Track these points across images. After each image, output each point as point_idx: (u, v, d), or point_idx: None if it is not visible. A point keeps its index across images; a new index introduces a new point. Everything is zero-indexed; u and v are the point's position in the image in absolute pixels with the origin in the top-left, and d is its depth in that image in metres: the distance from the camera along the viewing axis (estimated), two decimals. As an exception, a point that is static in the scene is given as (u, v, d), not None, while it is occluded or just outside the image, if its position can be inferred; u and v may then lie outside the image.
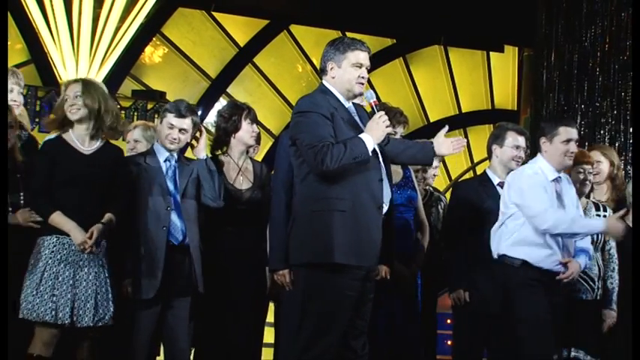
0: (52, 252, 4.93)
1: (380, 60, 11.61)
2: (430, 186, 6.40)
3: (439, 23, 11.29)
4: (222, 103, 10.74)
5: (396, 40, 11.83)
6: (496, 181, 5.79)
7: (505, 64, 12.37)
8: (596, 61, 9.63)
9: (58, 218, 4.93)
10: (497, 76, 12.42)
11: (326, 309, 4.51)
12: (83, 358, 5.04)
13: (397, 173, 5.69)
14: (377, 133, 4.58)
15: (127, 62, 10.19)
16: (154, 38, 10.69)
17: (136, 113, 9.86)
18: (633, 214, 5.86)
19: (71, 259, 4.94)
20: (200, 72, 11.02)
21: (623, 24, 9.58)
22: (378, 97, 5.40)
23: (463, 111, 12.28)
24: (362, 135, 4.56)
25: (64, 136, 5.10)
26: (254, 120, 5.65)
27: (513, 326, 5.23)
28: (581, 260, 5.32)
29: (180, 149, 5.49)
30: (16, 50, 9.77)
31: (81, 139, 5.10)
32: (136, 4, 9.88)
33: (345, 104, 4.75)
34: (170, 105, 5.49)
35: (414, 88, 12.18)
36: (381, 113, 4.64)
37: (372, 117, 4.69)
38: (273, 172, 5.44)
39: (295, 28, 11.43)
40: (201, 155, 5.43)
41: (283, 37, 11.43)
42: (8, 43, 6.69)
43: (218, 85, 11.10)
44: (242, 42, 11.23)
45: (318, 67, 4.90)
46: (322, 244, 4.50)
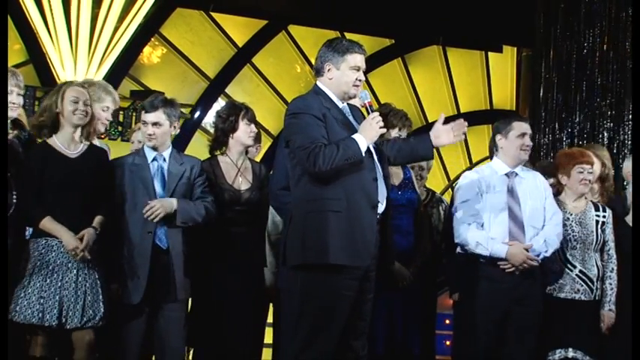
0: (41, 254, 4.95)
1: (378, 60, 11.62)
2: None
3: (437, 24, 11.29)
4: (220, 103, 10.73)
5: (395, 40, 11.83)
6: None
7: (503, 65, 12.37)
8: (594, 61, 9.64)
9: (49, 224, 4.94)
10: (495, 76, 12.42)
11: (323, 309, 4.52)
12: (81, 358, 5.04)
13: (397, 175, 5.71)
14: (370, 133, 4.58)
15: (126, 62, 10.18)
16: (153, 38, 10.68)
17: (134, 114, 9.85)
18: (633, 214, 5.87)
19: (59, 262, 4.95)
20: (199, 72, 11.01)
21: (621, 24, 9.58)
22: (376, 99, 5.40)
23: (462, 111, 12.27)
24: (355, 135, 4.57)
25: (48, 141, 5.10)
26: (252, 120, 5.64)
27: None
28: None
29: (176, 147, 5.49)
30: (15, 51, 9.76)
31: (66, 144, 5.10)
32: (135, 5, 9.88)
33: (338, 104, 4.76)
34: (143, 103, 5.50)
35: (412, 88, 12.17)
36: (374, 114, 4.64)
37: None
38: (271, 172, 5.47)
39: (294, 29, 11.42)
40: None
41: (282, 37, 11.42)
42: (7, 44, 6.69)
43: (217, 85, 11.09)
44: (240, 42, 11.22)
45: (315, 67, 4.88)
46: (317, 245, 4.51)
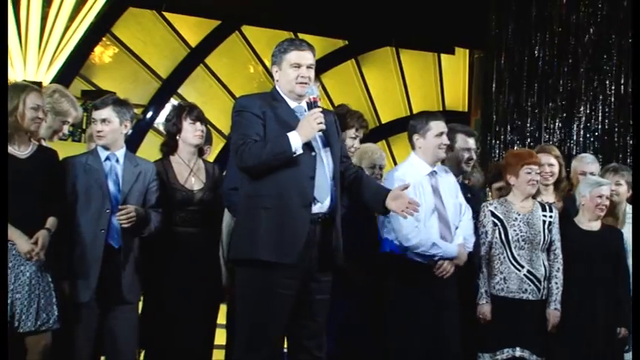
0: None
1: (332, 61, 11.64)
2: None
3: (391, 25, 11.33)
4: (173, 103, 10.66)
5: (348, 41, 11.85)
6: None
7: (456, 66, 12.45)
8: (545, 63, 9.75)
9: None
10: (447, 77, 12.49)
11: (257, 307, 4.54)
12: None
13: None
14: (305, 130, 4.57)
15: (77, 62, 10.07)
16: (104, 38, 10.58)
17: (85, 114, 9.74)
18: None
19: (11, 265, 4.88)
20: (151, 72, 10.94)
21: (571, 27, 9.70)
22: (330, 99, 5.39)
23: (414, 112, 12.30)
24: (290, 132, 4.56)
25: None
26: (198, 118, 5.61)
27: None
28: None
29: (128, 147, 5.46)
30: (-38, 49, 9.61)
31: (17, 145, 5.03)
32: (86, 4, 9.78)
33: (290, 104, 4.75)
34: (94, 102, 5.49)
35: (365, 89, 12.20)
36: (314, 110, 4.61)
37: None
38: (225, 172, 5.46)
39: (247, 29, 11.39)
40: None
41: (235, 37, 11.39)
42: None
43: (169, 85, 11.02)
44: (193, 42, 11.17)
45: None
46: (248, 241, 4.56)
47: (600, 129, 9.58)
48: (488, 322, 5.75)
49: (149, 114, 10.83)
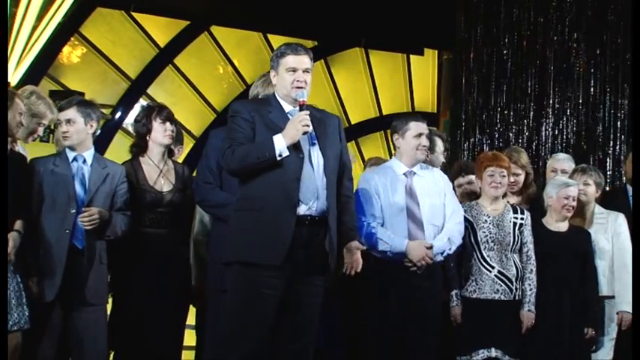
0: None
1: (301, 62, 11.61)
2: None
3: (360, 26, 11.33)
4: (142, 104, 10.61)
5: (317, 42, 11.84)
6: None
7: (425, 67, 12.47)
8: (514, 64, 9.80)
9: None
10: (417, 78, 12.51)
11: (242, 307, 4.55)
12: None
13: None
14: (290, 132, 4.58)
15: (45, 62, 9.99)
16: (72, 38, 10.50)
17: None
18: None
19: None
20: (119, 73, 10.87)
21: (539, 29, 9.77)
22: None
23: (384, 113, 12.35)
24: (275, 136, 4.58)
25: None
26: (167, 119, 5.60)
27: None
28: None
29: (97, 148, 5.44)
30: None
31: None
32: (54, 4, 9.69)
33: (285, 108, 4.77)
34: (60, 103, 5.45)
35: (335, 90, 12.20)
36: (301, 114, 4.63)
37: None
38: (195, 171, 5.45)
39: (216, 30, 11.35)
40: None
41: (204, 38, 11.34)
42: None
43: (138, 85, 10.96)
44: (162, 43, 11.11)
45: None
46: (235, 242, 4.61)
47: (569, 130, 9.65)
48: (459, 324, 5.78)
49: (118, 114, 10.77)
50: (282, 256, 4.55)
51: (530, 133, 9.74)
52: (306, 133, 4.61)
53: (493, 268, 5.80)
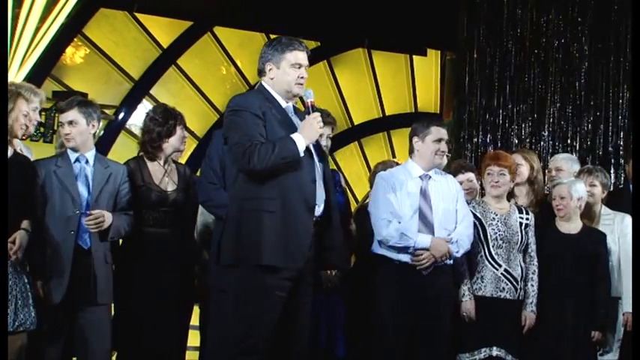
0: None
1: (304, 62, 11.62)
2: None
3: (363, 27, 11.34)
4: (145, 104, 10.63)
5: (321, 43, 11.86)
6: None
7: (428, 68, 12.49)
8: (516, 65, 9.80)
9: None
10: (419, 79, 12.53)
11: (256, 310, 4.49)
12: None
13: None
14: (309, 133, 4.56)
15: (48, 63, 10.00)
16: (76, 39, 10.52)
17: (57, 115, 9.69)
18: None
19: None
20: (122, 73, 10.89)
21: (543, 28, 9.76)
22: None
23: (387, 114, 12.37)
24: (293, 135, 4.53)
25: None
26: (185, 126, 5.67)
27: None
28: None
29: (100, 148, 5.44)
30: None
31: None
32: (57, 4, 9.69)
33: (282, 104, 4.72)
34: (60, 105, 5.45)
35: (338, 90, 12.22)
36: (316, 114, 4.62)
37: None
38: (199, 171, 5.45)
39: (219, 30, 11.37)
40: None
41: (207, 38, 11.36)
42: None
43: (141, 86, 10.98)
44: (165, 43, 11.13)
45: (258, 68, 4.83)
46: (251, 245, 4.48)
47: (571, 130, 9.65)
48: (473, 319, 5.75)
49: (121, 115, 10.78)
50: (304, 259, 4.55)
51: (533, 134, 9.73)
52: (321, 135, 4.61)
53: (500, 266, 5.79)
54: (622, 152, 9.36)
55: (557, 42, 9.73)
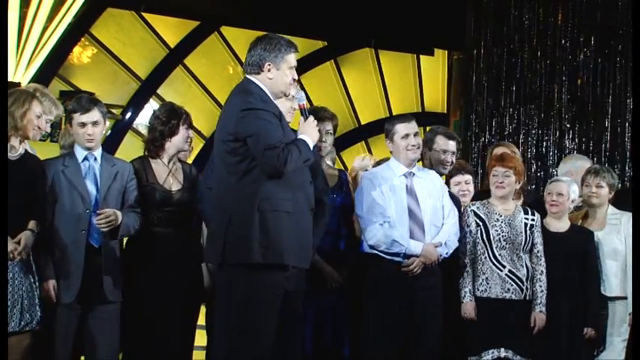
0: None
1: (311, 62, 11.62)
2: None
3: (370, 26, 11.33)
4: (152, 104, 10.63)
5: (328, 42, 11.85)
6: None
7: (435, 68, 12.46)
8: (524, 64, 9.80)
9: None
10: (427, 79, 12.50)
11: (265, 308, 4.51)
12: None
13: (333, 177, 5.73)
14: (314, 136, 4.61)
15: (55, 63, 10.01)
16: (83, 38, 10.53)
17: (64, 114, 9.69)
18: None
19: None
20: (130, 73, 10.88)
21: (550, 29, 9.76)
22: (309, 100, 5.42)
23: (394, 113, 12.33)
24: (303, 137, 4.57)
25: None
26: (190, 125, 5.64)
27: None
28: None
29: (108, 148, 5.45)
30: (-61, 50, 9.55)
31: (10, 147, 5.03)
32: (64, 4, 9.71)
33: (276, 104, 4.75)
34: (72, 105, 5.42)
35: (345, 90, 12.20)
36: (311, 117, 4.69)
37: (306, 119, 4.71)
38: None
39: (226, 30, 11.36)
40: None
41: (214, 38, 11.36)
42: None
43: (148, 86, 10.97)
44: (172, 43, 11.13)
45: (249, 63, 4.79)
46: (272, 245, 4.48)
47: (577, 130, 9.65)
48: (473, 320, 5.76)
49: (128, 115, 10.78)
50: (310, 260, 4.62)
51: (539, 134, 9.73)
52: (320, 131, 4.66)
53: (504, 267, 5.79)
54: (629, 151, 9.36)
55: (563, 41, 9.73)
